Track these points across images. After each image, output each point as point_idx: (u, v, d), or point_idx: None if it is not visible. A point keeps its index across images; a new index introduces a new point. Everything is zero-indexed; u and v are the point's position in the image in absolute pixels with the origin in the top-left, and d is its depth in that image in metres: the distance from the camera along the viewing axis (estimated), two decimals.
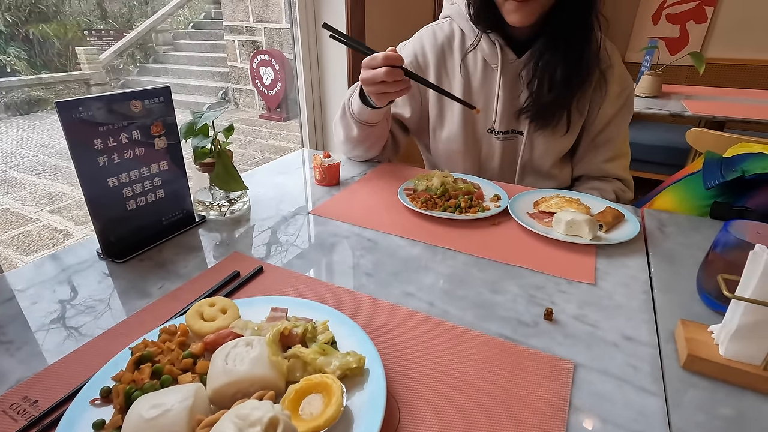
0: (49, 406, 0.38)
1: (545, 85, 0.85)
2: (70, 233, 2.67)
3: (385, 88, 0.76)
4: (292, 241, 0.69)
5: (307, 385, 0.37)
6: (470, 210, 0.76)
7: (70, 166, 3.75)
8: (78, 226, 2.75)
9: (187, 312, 0.46)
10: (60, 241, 2.57)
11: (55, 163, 3.81)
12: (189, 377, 0.39)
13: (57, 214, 2.91)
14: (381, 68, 0.73)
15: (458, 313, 0.52)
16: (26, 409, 0.38)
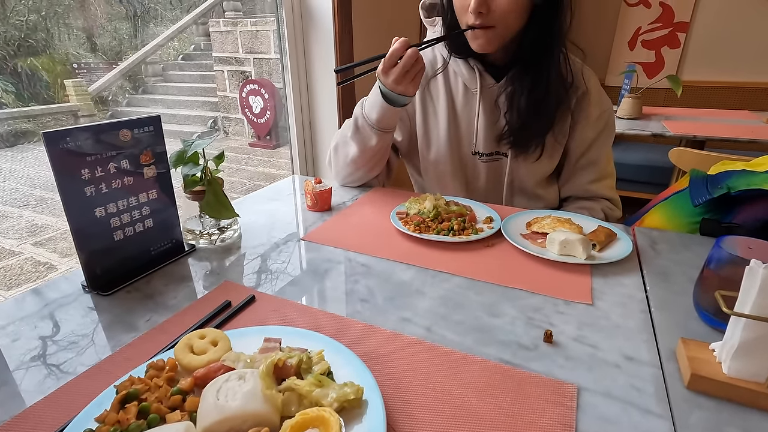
0: None
1: (514, 111, 0.87)
2: (54, 266, 2.60)
3: (413, 72, 0.79)
4: (284, 268, 0.68)
5: (303, 420, 0.36)
6: (464, 232, 0.76)
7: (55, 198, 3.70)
8: (62, 258, 2.69)
9: (176, 345, 0.44)
10: (43, 274, 2.50)
11: (40, 195, 3.75)
12: (178, 416, 0.37)
13: (41, 247, 2.84)
14: (406, 54, 0.76)
15: (456, 338, 0.51)
16: None
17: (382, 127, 0.88)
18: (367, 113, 0.89)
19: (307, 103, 1.36)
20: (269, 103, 5.09)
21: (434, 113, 0.96)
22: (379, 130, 0.89)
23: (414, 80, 0.81)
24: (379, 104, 0.85)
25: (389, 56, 0.78)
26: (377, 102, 0.86)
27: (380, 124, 0.88)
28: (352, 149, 0.94)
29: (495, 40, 0.81)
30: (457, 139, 0.96)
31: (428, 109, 0.97)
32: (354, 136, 0.93)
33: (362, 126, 0.91)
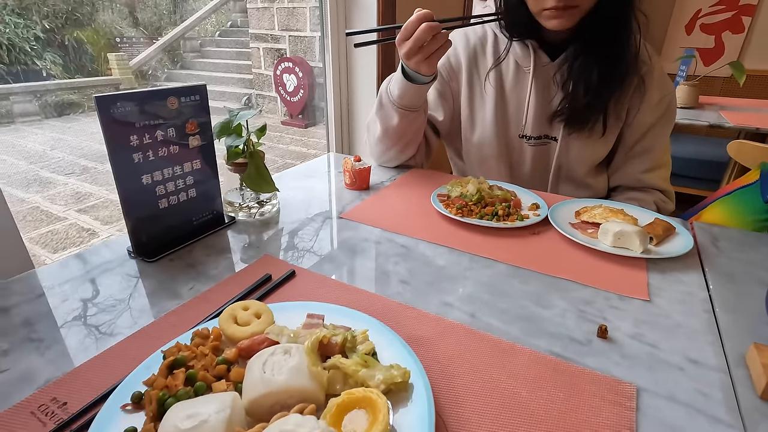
0: (78, 409, 0.37)
1: (581, 86, 0.82)
2: (96, 232, 2.72)
3: (429, 49, 0.73)
4: (323, 245, 0.67)
5: (349, 400, 0.35)
6: (508, 218, 0.73)
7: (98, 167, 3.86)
8: (104, 226, 2.81)
9: (221, 315, 0.44)
10: (86, 240, 2.62)
11: (84, 164, 3.91)
12: (223, 385, 0.36)
13: (84, 214, 2.98)
14: (419, 29, 0.71)
15: (502, 326, 0.49)
16: (55, 412, 0.37)
17: (403, 105, 0.84)
18: (391, 89, 0.85)
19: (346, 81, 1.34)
20: (303, 82, 5.08)
21: (481, 93, 0.92)
22: (401, 108, 0.84)
23: (429, 59, 0.75)
24: (400, 80, 0.82)
25: (404, 28, 0.73)
26: (399, 77, 0.82)
27: (402, 101, 0.84)
28: (377, 128, 0.91)
29: (576, 17, 0.75)
30: (504, 121, 0.91)
31: (475, 88, 0.92)
32: (378, 112, 0.90)
33: (385, 103, 0.87)
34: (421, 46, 0.72)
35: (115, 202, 3.15)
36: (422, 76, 0.78)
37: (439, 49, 0.73)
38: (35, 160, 4.02)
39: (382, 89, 0.87)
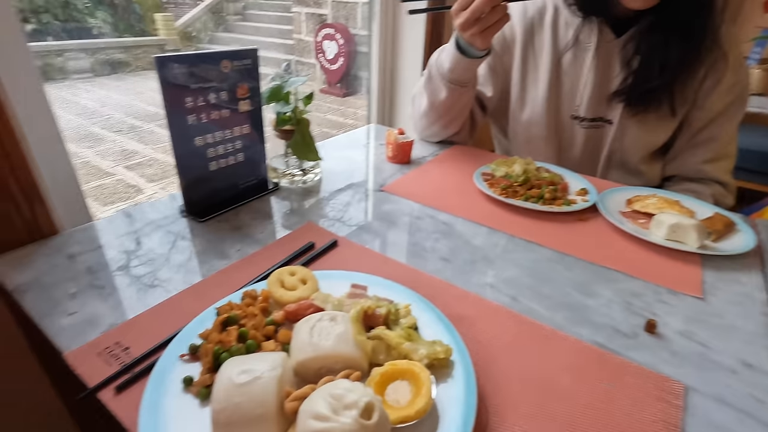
0: (139, 354, 0.39)
1: (652, 64, 0.76)
2: (142, 189, 2.85)
3: (486, 22, 0.69)
4: (364, 216, 0.67)
5: (392, 370, 0.35)
6: (554, 202, 0.70)
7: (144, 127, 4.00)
8: (149, 183, 2.93)
9: (269, 279, 0.46)
10: (133, 196, 2.76)
11: (131, 123, 4.06)
12: (272, 345, 0.38)
13: (131, 170, 3.12)
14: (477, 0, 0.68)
15: (545, 312, 0.48)
16: (119, 355, 0.40)
17: (453, 79, 0.81)
18: (441, 62, 0.82)
19: (391, 50, 1.30)
20: (343, 49, 5.01)
21: (535, 69, 0.88)
22: (450, 82, 0.82)
23: (485, 32, 0.71)
24: (452, 52, 0.78)
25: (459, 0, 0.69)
26: (451, 50, 0.79)
27: (452, 75, 0.80)
28: (424, 101, 0.89)
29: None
30: (557, 100, 0.87)
31: (528, 64, 0.88)
32: (426, 85, 0.87)
33: (434, 75, 0.84)
34: (479, 18, 0.69)
35: (160, 161, 3.28)
36: (476, 50, 0.75)
37: (498, 22, 0.69)
38: (87, 116, 4.20)
39: (431, 61, 0.85)
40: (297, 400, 0.31)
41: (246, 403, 0.30)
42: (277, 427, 0.31)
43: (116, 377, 0.37)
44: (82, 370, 0.38)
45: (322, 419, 0.27)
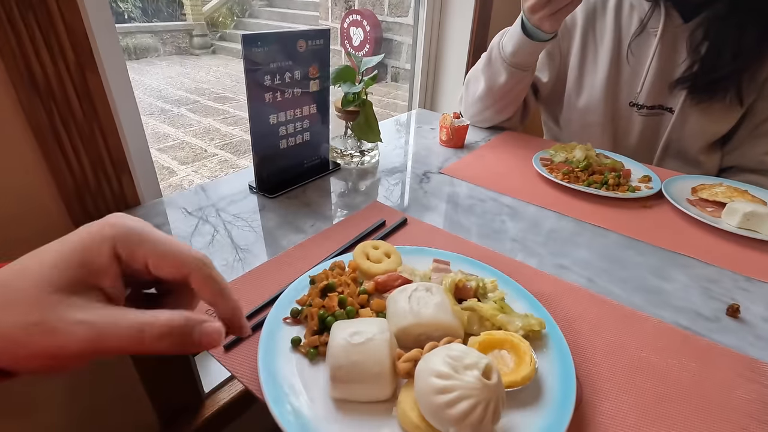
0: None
1: (722, 51, 0.74)
2: (175, 171, 2.92)
3: (557, 4, 0.68)
4: (427, 198, 0.68)
5: (490, 340, 0.37)
6: (618, 188, 0.70)
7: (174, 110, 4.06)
8: (181, 166, 3.00)
9: (355, 251, 0.47)
10: (166, 177, 2.83)
11: (161, 106, 4.14)
12: (369, 312, 0.40)
13: (163, 153, 3.19)
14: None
15: (624, 294, 0.49)
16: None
17: (515, 62, 0.81)
18: (504, 44, 0.81)
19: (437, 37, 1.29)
20: (369, 36, 4.98)
21: (595, 54, 0.86)
22: (511, 66, 0.81)
23: (555, 15, 0.70)
24: (517, 35, 0.77)
25: None
26: (516, 32, 0.78)
27: (514, 58, 0.80)
28: (480, 85, 0.88)
29: None
30: (616, 87, 0.86)
31: (588, 49, 0.87)
32: (485, 69, 0.87)
33: (495, 59, 0.84)
34: (550, 1, 0.68)
35: (191, 145, 3.34)
36: (543, 33, 0.74)
37: (569, 4, 0.69)
38: None
39: (493, 44, 0.84)
40: (409, 361, 0.33)
41: (363, 362, 0.32)
42: (391, 385, 0.32)
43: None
44: None
45: (444, 377, 0.29)
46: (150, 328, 0.21)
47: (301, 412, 0.31)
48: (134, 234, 0.22)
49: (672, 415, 0.35)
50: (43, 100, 0.48)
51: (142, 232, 0.22)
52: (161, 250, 0.22)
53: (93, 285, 0.21)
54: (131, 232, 0.22)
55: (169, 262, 0.22)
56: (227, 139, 3.48)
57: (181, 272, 0.23)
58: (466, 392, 0.28)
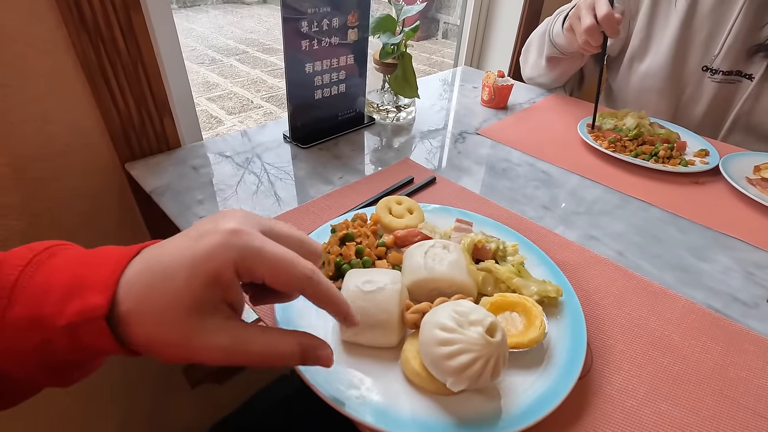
0: None
1: None
2: (222, 121, 3.00)
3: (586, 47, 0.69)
4: (460, 159, 0.66)
5: (502, 301, 0.36)
6: (669, 161, 0.65)
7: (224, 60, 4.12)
8: (228, 116, 3.08)
9: (378, 204, 0.47)
10: (214, 127, 2.92)
11: (212, 56, 4.21)
12: (385, 264, 0.40)
13: (212, 102, 3.28)
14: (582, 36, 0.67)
15: (654, 271, 0.46)
16: None
17: (563, 48, 0.79)
18: (555, 29, 0.79)
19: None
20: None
21: (666, 14, 0.78)
22: (559, 50, 0.80)
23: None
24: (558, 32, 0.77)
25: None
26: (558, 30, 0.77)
27: (561, 45, 0.79)
28: (532, 53, 0.88)
29: None
30: (687, 48, 0.77)
31: (660, 6, 0.78)
32: (539, 41, 0.86)
33: (546, 37, 0.82)
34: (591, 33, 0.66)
35: (239, 95, 3.40)
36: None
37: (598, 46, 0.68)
38: None
39: (548, 19, 0.82)
40: (417, 313, 0.33)
41: (372, 308, 0.33)
42: (397, 334, 0.33)
43: None
44: None
45: (448, 330, 0.29)
46: (272, 355, 0.24)
47: None
48: (254, 255, 0.23)
49: (686, 394, 0.34)
50: (92, 37, 0.50)
51: (260, 253, 0.23)
52: (276, 270, 0.24)
53: (221, 300, 0.23)
54: (251, 254, 0.23)
55: (283, 281, 0.24)
56: (273, 91, 3.51)
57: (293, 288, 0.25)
58: (467, 346, 0.28)
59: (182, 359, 0.23)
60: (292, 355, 0.25)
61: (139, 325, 0.22)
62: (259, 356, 0.24)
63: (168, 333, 0.22)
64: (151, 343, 0.22)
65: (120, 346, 0.22)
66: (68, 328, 0.21)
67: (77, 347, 0.22)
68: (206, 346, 0.23)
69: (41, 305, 0.21)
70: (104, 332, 0.21)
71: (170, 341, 0.22)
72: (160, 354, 0.23)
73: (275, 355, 0.24)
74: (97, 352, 0.22)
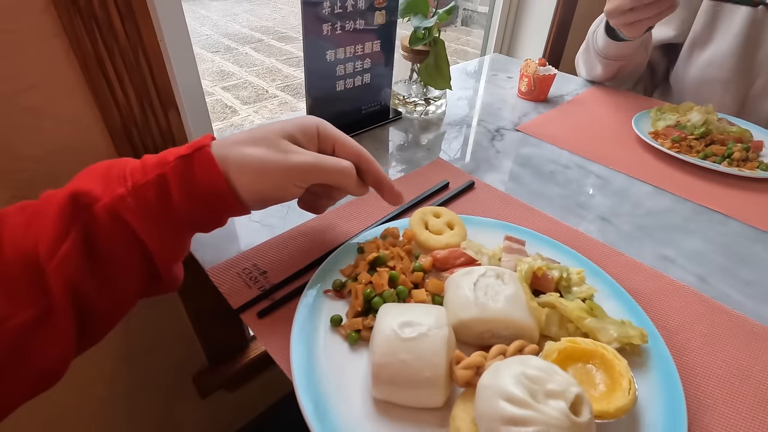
0: (277, 280, 0.37)
1: None
2: (237, 111, 2.95)
3: (635, 16, 0.57)
4: (499, 159, 0.58)
5: (574, 349, 0.29)
6: (745, 164, 0.56)
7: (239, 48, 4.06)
8: (243, 105, 3.03)
9: (412, 218, 0.40)
10: (229, 116, 2.87)
11: (227, 44, 4.15)
12: (423, 294, 0.33)
13: (227, 92, 3.23)
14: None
15: (748, 302, 0.38)
16: (257, 278, 0.38)
17: (609, 55, 0.72)
18: (597, 37, 0.72)
19: None
20: None
21: None
22: (605, 58, 0.73)
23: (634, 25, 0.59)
24: (602, 34, 0.70)
25: None
26: (602, 31, 0.70)
27: (606, 52, 0.72)
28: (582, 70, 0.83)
29: None
30: (761, 33, 0.67)
31: None
32: (583, 55, 0.80)
33: (591, 48, 0.75)
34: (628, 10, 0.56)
35: (254, 84, 3.35)
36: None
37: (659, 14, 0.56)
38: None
39: (589, 31, 0.77)
40: (469, 369, 0.26)
41: (414, 362, 0.26)
42: (444, 393, 0.26)
43: (257, 301, 0.35)
44: (225, 288, 0.37)
45: (520, 405, 0.22)
46: (339, 168, 0.33)
47: (332, 409, 0.27)
48: (329, 126, 0.36)
49: None
50: (85, 21, 0.43)
51: (333, 127, 0.36)
52: (343, 139, 0.35)
53: (307, 144, 0.33)
54: (327, 125, 0.36)
55: (348, 149, 0.35)
56: (289, 80, 3.44)
57: (355, 155, 0.35)
58: (546, 429, 0.21)
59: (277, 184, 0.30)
60: (351, 167, 0.34)
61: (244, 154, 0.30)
62: (331, 169, 0.32)
63: (272, 154, 0.30)
64: (261, 166, 0.30)
65: (225, 182, 0.29)
66: (181, 159, 0.28)
67: (189, 178, 0.28)
68: (299, 160, 0.31)
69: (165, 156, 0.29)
70: (211, 160, 0.28)
71: (272, 159, 0.30)
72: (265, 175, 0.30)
73: (340, 168, 0.33)
74: (208, 185, 0.28)
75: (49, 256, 0.24)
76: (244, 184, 0.29)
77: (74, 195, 0.26)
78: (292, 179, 0.31)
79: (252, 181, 0.29)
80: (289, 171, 0.30)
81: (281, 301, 0.35)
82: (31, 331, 0.24)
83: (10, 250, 0.24)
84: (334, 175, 0.32)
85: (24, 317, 0.24)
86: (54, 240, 0.24)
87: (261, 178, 0.29)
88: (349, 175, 0.33)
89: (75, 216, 0.25)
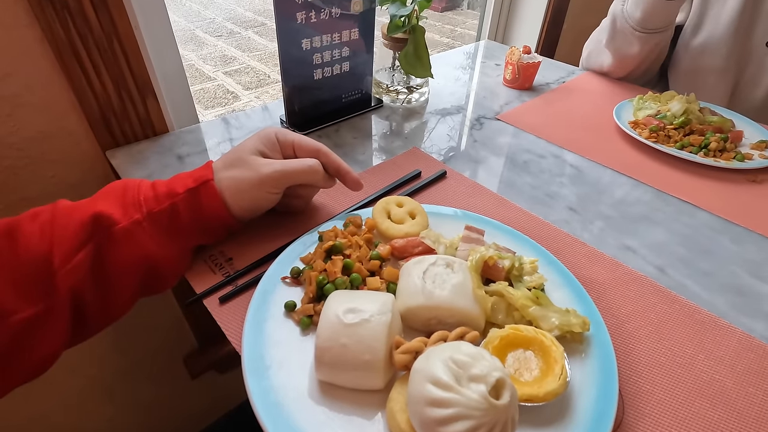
0: (242, 267, 0.38)
1: None
2: (239, 96, 2.95)
3: None
4: (477, 148, 0.59)
5: (516, 336, 0.30)
6: (721, 155, 0.56)
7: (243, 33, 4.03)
8: (245, 91, 3.02)
9: (375, 208, 0.41)
10: (230, 102, 2.87)
11: (231, 28, 4.12)
12: (377, 282, 0.34)
13: (229, 77, 3.22)
14: None
15: (703, 293, 0.39)
16: (222, 264, 0.39)
17: (648, 26, 0.66)
18: (630, 11, 0.67)
19: None
20: None
21: None
22: (645, 32, 0.67)
23: None
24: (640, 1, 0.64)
25: None
26: None
27: (644, 23, 0.66)
28: (607, 60, 0.76)
29: None
30: (752, 20, 0.66)
31: None
32: (610, 42, 0.73)
33: (621, 29, 0.70)
34: None
35: (256, 70, 3.33)
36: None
37: None
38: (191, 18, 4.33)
39: (615, 13, 0.70)
40: (407, 354, 0.27)
41: (353, 346, 0.27)
42: (383, 376, 0.28)
43: (220, 287, 0.37)
44: (190, 273, 0.38)
45: (443, 387, 0.23)
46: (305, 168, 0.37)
47: (278, 390, 0.28)
48: (285, 132, 0.39)
49: None
50: (57, 9, 0.44)
51: (289, 131, 0.39)
52: (300, 140, 0.39)
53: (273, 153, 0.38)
54: (283, 131, 0.39)
55: (306, 148, 0.39)
56: None
57: (314, 152, 0.39)
58: (465, 411, 0.22)
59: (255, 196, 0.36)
60: (317, 163, 0.38)
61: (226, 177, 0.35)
62: (298, 170, 0.37)
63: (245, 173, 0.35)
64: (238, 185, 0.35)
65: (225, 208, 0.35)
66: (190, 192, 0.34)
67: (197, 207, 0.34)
68: (268, 171, 0.35)
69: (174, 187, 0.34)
70: (214, 191, 0.35)
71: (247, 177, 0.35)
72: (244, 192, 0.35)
73: (307, 166, 0.37)
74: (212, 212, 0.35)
75: (63, 261, 0.29)
76: (232, 204, 0.35)
77: (97, 216, 0.30)
78: (267, 188, 0.36)
79: (236, 199, 0.35)
80: (263, 183, 0.35)
81: (243, 288, 0.36)
82: (31, 327, 0.28)
83: (26, 254, 0.28)
84: (302, 174, 0.37)
85: (28, 313, 0.27)
86: (71, 248, 0.29)
87: (242, 195, 0.35)
88: (315, 170, 0.37)
89: (94, 233, 0.30)
